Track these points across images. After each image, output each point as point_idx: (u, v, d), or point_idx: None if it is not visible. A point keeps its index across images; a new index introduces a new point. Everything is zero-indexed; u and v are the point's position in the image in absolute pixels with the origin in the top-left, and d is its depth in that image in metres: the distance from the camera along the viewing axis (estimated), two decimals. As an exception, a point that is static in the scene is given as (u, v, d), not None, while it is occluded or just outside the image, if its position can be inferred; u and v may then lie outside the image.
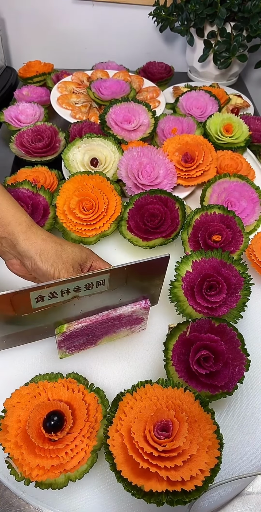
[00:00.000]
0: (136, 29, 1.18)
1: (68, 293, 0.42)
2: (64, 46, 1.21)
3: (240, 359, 0.46)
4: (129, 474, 0.37)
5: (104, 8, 1.13)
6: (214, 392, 0.44)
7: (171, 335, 0.49)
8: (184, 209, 0.64)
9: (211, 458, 0.38)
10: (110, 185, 0.65)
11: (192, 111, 0.88)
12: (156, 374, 0.51)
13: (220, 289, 0.52)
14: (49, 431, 0.39)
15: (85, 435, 0.40)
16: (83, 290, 0.43)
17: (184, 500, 0.36)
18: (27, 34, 1.19)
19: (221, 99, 0.94)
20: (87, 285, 0.42)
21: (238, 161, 0.75)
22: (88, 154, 0.72)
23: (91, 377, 0.49)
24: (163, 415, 0.39)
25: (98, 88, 0.87)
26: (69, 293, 0.42)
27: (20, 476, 0.38)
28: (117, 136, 0.76)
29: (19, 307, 0.40)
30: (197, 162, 0.71)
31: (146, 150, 0.71)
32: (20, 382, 0.45)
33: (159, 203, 0.63)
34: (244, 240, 0.61)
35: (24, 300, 0.40)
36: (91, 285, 0.43)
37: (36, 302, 0.40)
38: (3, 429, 0.40)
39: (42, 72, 1.02)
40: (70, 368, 0.49)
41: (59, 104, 0.88)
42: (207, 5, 0.96)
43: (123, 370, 0.52)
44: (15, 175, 0.70)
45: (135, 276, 0.45)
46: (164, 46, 1.24)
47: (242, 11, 0.95)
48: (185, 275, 0.54)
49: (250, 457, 0.45)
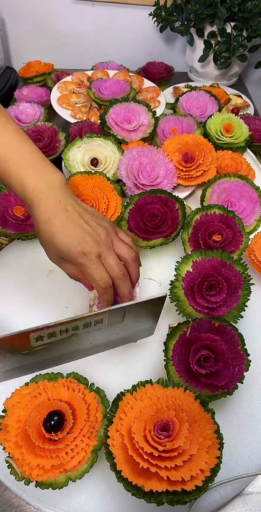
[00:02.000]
0: (136, 29, 1.18)
1: (66, 332, 0.42)
2: (64, 46, 1.21)
3: (240, 359, 0.46)
4: (129, 474, 0.37)
5: (104, 8, 1.13)
6: (214, 392, 0.44)
7: (171, 335, 0.49)
8: (184, 209, 0.64)
9: (211, 458, 0.38)
10: (111, 185, 0.65)
11: (192, 111, 0.88)
12: (156, 374, 0.51)
13: (220, 289, 0.52)
14: (50, 431, 0.39)
15: (86, 435, 0.40)
16: (81, 328, 0.43)
17: (184, 500, 0.36)
18: (27, 34, 1.19)
19: (221, 99, 0.94)
20: (86, 324, 0.43)
21: (238, 161, 0.75)
22: (89, 154, 0.72)
23: (92, 377, 0.49)
24: (163, 415, 0.39)
25: (99, 88, 0.87)
26: (67, 332, 0.42)
27: (20, 476, 0.38)
28: (118, 136, 0.76)
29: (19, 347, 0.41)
30: (197, 162, 0.71)
31: (146, 150, 0.71)
32: (20, 382, 0.45)
33: (159, 203, 0.63)
34: (244, 240, 0.61)
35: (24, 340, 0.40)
36: (90, 324, 0.43)
37: (35, 341, 0.41)
38: (3, 429, 0.40)
39: (42, 72, 1.02)
40: (71, 368, 0.49)
41: (59, 104, 0.88)
42: (207, 5, 0.96)
43: (123, 370, 0.52)
44: (15, 175, 0.70)
45: (132, 313, 0.45)
46: (164, 46, 1.24)
47: (242, 11, 0.95)
48: (185, 275, 0.54)
49: (250, 457, 0.45)
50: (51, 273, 0.61)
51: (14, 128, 0.49)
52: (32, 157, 0.47)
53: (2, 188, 0.65)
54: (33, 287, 0.60)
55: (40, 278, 0.61)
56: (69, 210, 0.46)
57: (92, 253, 0.44)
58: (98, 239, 0.45)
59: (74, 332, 0.43)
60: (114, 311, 0.43)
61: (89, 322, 0.43)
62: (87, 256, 0.44)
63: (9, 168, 0.46)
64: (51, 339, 0.42)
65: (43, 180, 0.46)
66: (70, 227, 0.45)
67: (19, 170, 0.46)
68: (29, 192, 0.45)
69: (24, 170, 0.46)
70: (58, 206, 0.45)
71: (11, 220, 0.62)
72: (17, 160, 0.46)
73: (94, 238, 0.45)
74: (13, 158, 0.46)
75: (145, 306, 0.45)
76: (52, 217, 0.44)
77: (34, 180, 0.46)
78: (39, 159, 0.47)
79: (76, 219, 0.46)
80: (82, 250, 0.44)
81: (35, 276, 0.61)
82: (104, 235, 0.46)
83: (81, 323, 0.42)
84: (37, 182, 0.45)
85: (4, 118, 0.49)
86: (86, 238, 0.44)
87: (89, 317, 0.42)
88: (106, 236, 0.46)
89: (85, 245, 0.44)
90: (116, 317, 0.44)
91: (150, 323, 0.49)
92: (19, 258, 0.64)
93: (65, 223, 0.45)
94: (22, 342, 0.40)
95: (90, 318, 0.42)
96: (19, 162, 0.46)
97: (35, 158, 0.47)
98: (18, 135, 0.48)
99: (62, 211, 0.45)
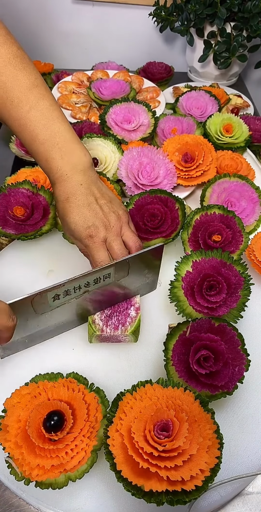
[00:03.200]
0: (136, 29, 1.18)
1: (79, 289, 0.47)
2: (64, 46, 1.21)
3: (240, 359, 0.46)
4: (129, 474, 0.37)
5: (104, 8, 1.13)
6: (214, 392, 0.44)
7: (171, 335, 0.49)
8: (184, 209, 0.64)
9: (211, 458, 0.38)
10: (111, 185, 0.65)
11: (192, 111, 0.88)
12: (156, 374, 0.51)
13: (220, 289, 0.52)
14: (49, 431, 0.39)
15: (86, 435, 0.40)
16: (92, 284, 0.47)
17: (184, 499, 0.36)
18: (27, 34, 1.19)
19: (221, 99, 0.94)
20: (96, 279, 0.47)
21: (238, 161, 0.75)
22: (88, 154, 0.72)
23: (92, 376, 0.49)
24: (163, 415, 0.39)
25: (99, 88, 0.87)
26: (80, 289, 0.47)
27: (20, 476, 0.38)
28: (118, 136, 0.76)
29: (38, 306, 0.45)
30: (197, 162, 0.71)
31: (146, 150, 0.71)
32: (20, 381, 0.45)
33: (159, 203, 0.63)
34: (244, 240, 0.61)
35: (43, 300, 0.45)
36: (99, 279, 0.47)
37: (53, 301, 0.46)
38: (3, 429, 0.40)
39: (42, 72, 1.02)
40: (71, 368, 0.49)
41: (59, 104, 0.88)
42: (207, 5, 0.96)
43: (123, 369, 0.52)
44: (15, 175, 0.70)
45: (135, 266, 0.50)
46: (164, 46, 1.24)
47: (242, 11, 0.95)
48: (185, 275, 0.54)
49: (250, 457, 0.45)
50: (51, 273, 0.61)
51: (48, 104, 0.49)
52: (61, 138, 0.48)
53: (2, 188, 0.65)
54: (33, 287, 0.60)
55: (40, 278, 0.61)
56: (87, 193, 0.49)
57: (98, 236, 0.48)
58: (107, 225, 0.49)
59: (86, 289, 0.47)
60: (120, 264, 0.48)
61: (99, 278, 0.47)
62: (92, 239, 0.48)
63: (37, 147, 0.48)
64: (66, 297, 0.46)
65: (68, 162, 0.48)
66: (84, 210, 0.48)
67: (46, 150, 0.48)
68: (53, 172, 0.48)
69: (51, 151, 0.48)
70: (78, 188, 0.48)
71: (11, 220, 0.62)
72: (45, 140, 0.48)
73: (104, 223, 0.49)
74: (42, 138, 0.47)
75: (145, 258, 0.50)
76: (71, 197, 0.48)
77: (59, 162, 0.48)
78: (68, 141, 0.49)
79: (91, 203, 0.49)
80: (89, 233, 0.48)
81: (35, 276, 0.61)
82: (114, 221, 0.49)
83: (92, 278, 0.46)
84: (62, 164, 0.48)
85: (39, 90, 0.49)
86: (96, 223, 0.48)
87: (98, 271, 0.46)
88: (116, 223, 0.49)
89: (93, 229, 0.48)
90: (122, 271, 0.49)
91: (152, 276, 0.55)
92: (19, 258, 0.64)
93: (80, 206, 0.48)
94: (41, 302, 0.45)
95: (99, 272, 0.46)
96: (47, 142, 0.48)
97: (63, 139, 0.48)
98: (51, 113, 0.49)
99: (81, 193, 0.48)
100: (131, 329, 0.51)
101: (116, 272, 0.48)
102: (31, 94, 0.48)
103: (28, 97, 0.48)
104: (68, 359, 0.52)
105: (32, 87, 0.48)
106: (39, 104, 0.48)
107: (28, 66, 0.50)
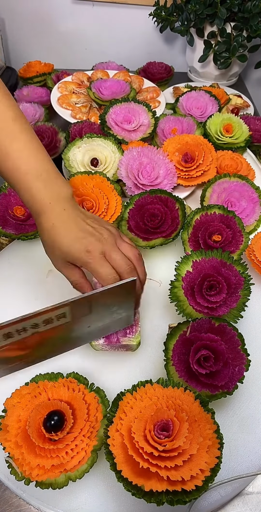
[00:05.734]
0: (136, 29, 1.18)
1: (25, 331, 0.39)
2: (64, 46, 1.21)
3: (240, 359, 0.46)
4: (129, 473, 0.37)
5: (104, 8, 1.13)
6: (214, 392, 0.44)
7: (171, 335, 0.49)
8: (184, 209, 0.64)
9: (211, 458, 0.38)
10: (111, 185, 0.65)
11: (192, 111, 0.88)
12: (156, 374, 0.51)
13: (220, 289, 0.52)
14: (50, 430, 0.39)
15: (86, 435, 0.40)
16: (42, 326, 0.40)
17: (184, 499, 0.36)
18: (27, 34, 1.19)
19: (221, 99, 0.94)
20: (46, 320, 0.40)
21: (238, 161, 0.75)
22: (89, 154, 0.72)
23: (92, 376, 0.49)
24: (163, 414, 0.39)
25: (99, 88, 0.87)
26: (27, 331, 0.39)
27: (20, 476, 0.38)
28: (118, 136, 0.76)
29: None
30: (197, 162, 0.71)
31: (146, 150, 0.71)
32: (20, 381, 0.45)
33: (159, 203, 0.63)
34: (244, 240, 0.61)
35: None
36: (51, 320, 0.40)
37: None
38: (3, 429, 0.40)
39: (43, 72, 1.02)
40: (71, 367, 0.49)
41: (59, 104, 0.88)
42: (207, 5, 0.96)
43: (123, 369, 0.52)
44: (15, 175, 0.70)
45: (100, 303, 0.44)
46: (164, 46, 1.24)
47: (242, 11, 0.95)
48: (185, 275, 0.54)
49: (250, 457, 0.45)
50: (51, 273, 0.61)
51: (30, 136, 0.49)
52: (44, 169, 0.48)
53: (2, 188, 0.65)
54: (33, 287, 0.60)
55: (40, 278, 0.61)
56: (73, 215, 0.47)
57: (96, 250, 0.45)
58: (101, 238, 0.46)
59: (36, 330, 0.40)
60: (77, 302, 0.41)
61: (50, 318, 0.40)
62: (91, 253, 0.44)
63: (19, 177, 0.47)
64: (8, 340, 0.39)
65: (51, 191, 0.47)
66: (74, 230, 0.46)
67: (29, 180, 0.47)
68: (36, 203, 0.47)
69: (35, 181, 0.47)
70: (63, 213, 0.47)
71: (11, 220, 0.62)
72: (29, 170, 0.47)
73: (97, 237, 0.46)
74: (25, 168, 0.47)
75: (112, 294, 0.43)
76: (56, 223, 0.46)
77: (43, 191, 0.47)
78: (50, 172, 0.48)
79: (79, 222, 0.47)
80: (85, 248, 0.44)
81: (35, 276, 0.61)
82: (107, 234, 0.47)
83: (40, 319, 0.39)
84: (45, 194, 0.47)
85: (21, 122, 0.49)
86: (89, 238, 0.45)
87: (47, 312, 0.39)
88: (109, 235, 0.47)
89: (88, 243, 0.45)
90: (81, 308, 0.42)
91: (125, 311, 0.47)
92: (19, 258, 0.64)
93: (68, 227, 0.46)
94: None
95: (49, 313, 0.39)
96: (30, 172, 0.47)
97: (46, 170, 0.48)
98: (33, 145, 0.48)
99: (67, 216, 0.47)
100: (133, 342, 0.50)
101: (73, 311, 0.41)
102: (14, 125, 0.48)
103: (12, 128, 0.48)
104: (68, 359, 0.52)
105: (16, 118, 0.48)
106: (22, 135, 0.48)
107: (9, 97, 0.51)
